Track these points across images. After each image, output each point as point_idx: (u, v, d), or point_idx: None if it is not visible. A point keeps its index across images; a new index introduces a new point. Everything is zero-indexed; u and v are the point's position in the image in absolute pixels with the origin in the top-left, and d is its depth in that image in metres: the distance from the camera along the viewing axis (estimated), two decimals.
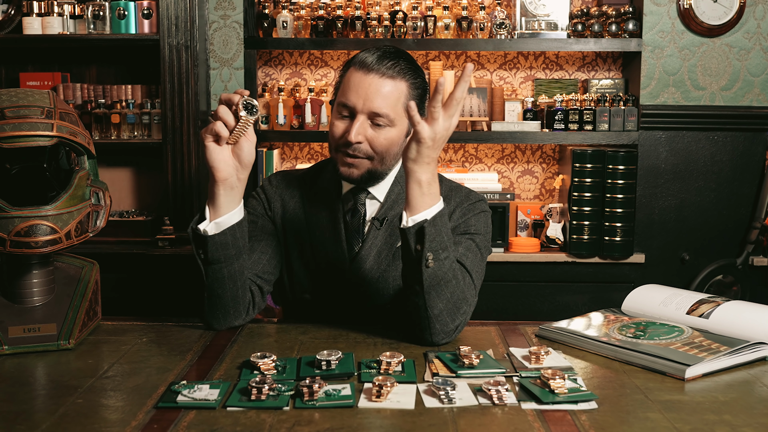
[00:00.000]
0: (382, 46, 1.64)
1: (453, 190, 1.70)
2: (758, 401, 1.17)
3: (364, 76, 1.58)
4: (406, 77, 1.60)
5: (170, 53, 2.90)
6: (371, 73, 1.58)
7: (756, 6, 3.09)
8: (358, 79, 1.58)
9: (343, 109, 1.60)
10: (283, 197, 1.74)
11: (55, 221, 1.36)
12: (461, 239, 1.60)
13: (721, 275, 3.16)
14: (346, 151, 1.60)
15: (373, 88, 1.57)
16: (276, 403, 1.13)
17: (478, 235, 1.62)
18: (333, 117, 1.64)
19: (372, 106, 1.57)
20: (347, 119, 1.61)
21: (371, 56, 1.59)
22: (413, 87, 1.62)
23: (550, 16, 3.19)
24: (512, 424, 1.08)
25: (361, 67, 1.59)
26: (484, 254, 1.62)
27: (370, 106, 1.57)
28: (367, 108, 1.57)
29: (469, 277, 1.53)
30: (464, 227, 1.63)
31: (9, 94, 1.39)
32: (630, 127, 3.12)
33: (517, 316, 3.09)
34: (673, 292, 1.58)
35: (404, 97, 1.60)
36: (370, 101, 1.57)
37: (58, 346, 1.41)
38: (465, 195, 1.69)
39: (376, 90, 1.57)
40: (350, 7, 3.21)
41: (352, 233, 1.67)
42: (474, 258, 1.57)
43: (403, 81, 1.60)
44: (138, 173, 3.20)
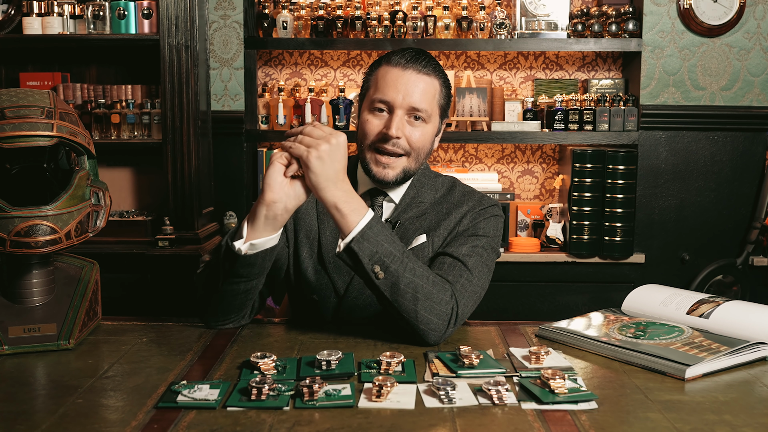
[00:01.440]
0: (409, 47, 1.66)
1: (466, 195, 1.70)
2: (758, 401, 1.17)
3: (401, 71, 1.59)
4: (439, 76, 1.64)
5: (170, 53, 2.90)
6: (408, 69, 1.59)
7: (756, 6, 3.09)
8: (395, 74, 1.59)
9: (380, 105, 1.60)
10: None
11: (55, 221, 1.36)
12: (467, 240, 1.60)
13: (721, 275, 3.16)
14: (383, 148, 1.60)
15: (412, 83, 1.59)
16: (276, 403, 1.13)
17: (485, 237, 1.62)
18: (366, 115, 1.63)
19: (411, 100, 1.58)
20: (383, 115, 1.61)
21: (404, 56, 1.61)
22: (444, 86, 1.65)
23: (550, 16, 3.19)
24: (512, 424, 1.08)
25: (397, 65, 1.60)
26: (490, 255, 1.61)
27: (410, 101, 1.58)
28: (407, 103, 1.58)
29: (467, 273, 1.53)
30: (473, 230, 1.63)
31: (9, 94, 1.39)
32: (630, 127, 3.12)
33: (517, 316, 3.09)
34: (673, 292, 1.58)
35: (438, 94, 1.63)
36: (409, 96, 1.58)
37: (58, 346, 1.41)
38: (478, 200, 1.69)
39: (415, 85, 1.59)
40: (350, 7, 3.21)
41: None
42: (478, 258, 1.57)
43: (436, 79, 1.63)
44: (138, 173, 3.20)
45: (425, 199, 1.68)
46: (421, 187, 1.70)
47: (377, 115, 1.61)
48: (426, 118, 1.61)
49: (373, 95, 1.62)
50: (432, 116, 1.62)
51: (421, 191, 1.69)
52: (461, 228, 1.64)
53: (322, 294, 1.67)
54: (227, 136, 3.18)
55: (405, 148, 1.60)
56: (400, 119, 1.58)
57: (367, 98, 1.65)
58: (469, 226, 1.64)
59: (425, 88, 1.60)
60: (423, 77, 1.60)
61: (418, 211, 1.67)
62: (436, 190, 1.71)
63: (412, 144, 1.61)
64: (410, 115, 1.60)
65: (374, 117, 1.61)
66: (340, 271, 1.66)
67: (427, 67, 1.61)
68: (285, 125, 3.24)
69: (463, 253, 1.56)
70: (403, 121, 1.59)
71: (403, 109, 1.59)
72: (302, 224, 1.70)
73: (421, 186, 1.70)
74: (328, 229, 1.68)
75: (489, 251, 1.61)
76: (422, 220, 1.66)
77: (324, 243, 1.67)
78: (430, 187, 1.71)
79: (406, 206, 1.68)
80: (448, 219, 1.65)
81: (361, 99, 1.68)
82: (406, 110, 1.59)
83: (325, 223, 1.69)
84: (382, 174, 1.61)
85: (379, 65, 1.64)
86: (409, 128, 1.60)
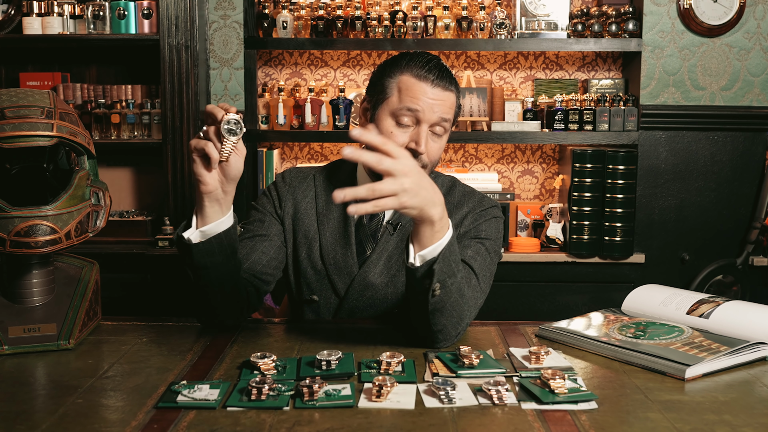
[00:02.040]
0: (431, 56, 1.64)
1: (466, 196, 1.71)
2: (758, 401, 1.17)
3: (430, 87, 1.59)
4: (457, 89, 1.66)
5: (170, 53, 2.90)
6: (438, 86, 1.60)
7: (756, 6, 3.09)
8: (424, 88, 1.59)
9: (407, 115, 1.59)
10: (296, 195, 1.73)
11: (55, 221, 1.36)
12: (471, 242, 1.60)
13: (721, 275, 3.16)
14: None
15: (440, 99, 1.59)
16: (276, 403, 1.13)
17: (489, 240, 1.62)
18: (387, 125, 1.61)
19: (441, 115, 1.60)
20: (407, 128, 1.60)
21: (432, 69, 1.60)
22: (458, 98, 1.67)
23: (550, 16, 3.19)
24: (512, 424, 1.08)
25: (425, 79, 1.59)
26: (493, 258, 1.62)
27: (439, 115, 1.59)
28: (436, 117, 1.59)
29: (475, 279, 1.53)
30: (475, 232, 1.63)
31: (9, 94, 1.39)
32: (630, 127, 3.12)
33: (517, 316, 3.09)
34: (673, 292, 1.58)
35: (455, 107, 1.65)
36: (439, 112, 1.59)
37: (58, 346, 1.41)
38: (478, 201, 1.70)
39: (443, 101, 1.60)
40: (350, 7, 3.21)
41: (366, 236, 1.67)
42: (483, 261, 1.57)
43: (455, 93, 1.64)
44: (138, 173, 3.20)
45: None
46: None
47: (402, 128, 1.60)
48: (444, 131, 1.62)
49: (398, 104, 1.60)
50: (448, 129, 1.64)
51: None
52: (463, 229, 1.64)
53: (322, 294, 1.67)
54: None
55: (424, 162, 1.60)
56: (426, 134, 1.59)
57: (387, 104, 1.61)
58: (470, 228, 1.64)
59: (450, 105, 1.62)
60: (448, 93, 1.61)
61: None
62: None
63: (431, 157, 1.62)
64: (432, 130, 1.60)
65: (399, 129, 1.60)
66: (341, 272, 1.65)
67: (452, 84, 1.63)
68: (285, 125, 3.24)
69: (469, 256, 1.56)
70: (428, 137, 1.60)
71: (427, 124, 1.59)
72: (301, 225, 1.70)
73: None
74: (327, 230, 1.68)
75: (492, 255, 1.61)
76: None
77: (324, 244, 1.67)
78: None
79: None
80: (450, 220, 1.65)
81: (377, 101, 1.64)
82: (431, 125, 1.60)
83: (325, 224, 1.68)
84: None
85: (400, 72, 1.61)
86: (430, 143, 1.61)
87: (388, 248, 1.66)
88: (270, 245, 1.66)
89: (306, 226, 1.70)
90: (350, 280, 1.64)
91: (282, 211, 1.71)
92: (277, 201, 1.72)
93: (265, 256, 1.64)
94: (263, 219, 1.70)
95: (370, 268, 1.65)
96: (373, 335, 1.50)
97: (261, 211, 1.71)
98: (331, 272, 1.66)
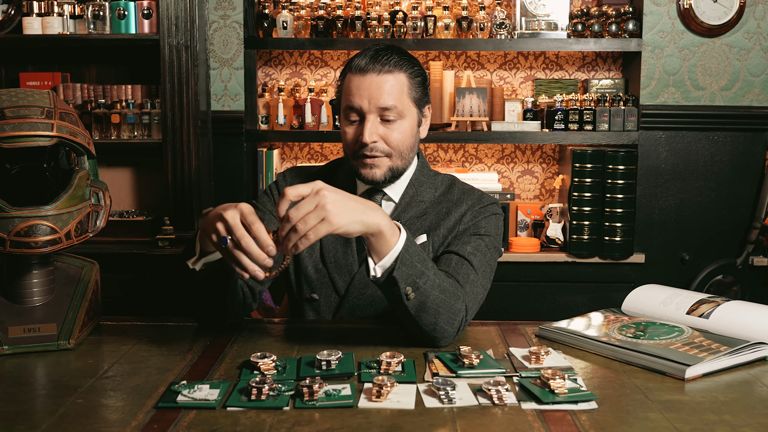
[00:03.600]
0: (373, 46, 1.64)
1: (465, 193, 1.70)
2: (758, 401, 1.17)
3: (362, 77, 1.59)
4: (403, 68, 1.61)
5: (170, 53, 2.90)
6: (369, 72, 1.59)
7: (756, 6, 3.09)
8: (357, 81, 1.60)
9: (351, 113, 1.62)
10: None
11: (55, 221, 1.36)
12: (470, 239, 1.60)
13: (721, 275, 3.16)
14: (364, 154, 1.60)
15: (375, 86, 1.58)
16: (276, 403, 1.13)
17: (488, 236, 1.62)
18: (342, 125, 1.65)
19: (378, 102, 1.58)
20: (356, 123, 1.62)
21: (365, 58, 1.61)
22: (412, 76, 1.63)
23: (550, 16, 3.19)
24: (512, 424, 1.08)
25: (357, 71, 1.60)
26: (493, 254, 1.62)
27: (377, 103, 1.58)
28: (374, 105, 1.58)
29: (474, 274, 1.53)
30: (474, 229, 1.63)
31: (9, 94, 1.39)
32: (630, 127, 3.12)
33: (517, 316, 3.09)
34: (673, 292, 1.58)
35: (406, 87, 1.61)
36: (375, 99, 1.58)
37: (58, 346, 1.41)
38: (477, 198, 1.69)
39: (378, 87, 1.58)
40: (350, 7, 3.21)
41: None
42: (482, 257, 1.57)
43: (401, 72, 1.61)
44: (138, 173, 3.20)
45: (425, 198, 1.68)
46: (419, 185, 1.70)
47: (351, 125, 1.62)
48: (398, 115, 1.60)
49: (343, 104, 1.64)
50: (405, 111, 1.61)
51: (420, 190, 1.69)
52: (462, 227, 1.63)
53: (323, 293, 1.67)
54: (227, 136, 3.18)
55: (384, 150, 1.61)
56: (372, 124, 1.59)
57: (341, 108, 1.66)
58: (469, 225, 1.64)
59: (390, 88, 1.59)
60: (385, 76, 1.59)
61: (419, 210, 1.67)
62: (436, 188, 1.71)
63: (391, 144, 1.61)
64: (382, 117, 1.60)
65: (349, 127, 1.63)
66: (341, 270, 1.66)
67: (388, 64, 1.59)
68: (285, 125, 3.24)
69: (468, 252, 1.56)
70: (376, 125, 1.60)
71: (373, 114, 1.59)
72: None
73: (419, 185, 1.70)
74: None
75: (492, 251, 1.61)
76: (423, 220, 1.66)
77: (325, 243, 1.67)
78: (429, 185, 1.70)
79: (406, 205, 1.68)
80: (448, 218, 1.65)
81: (339, 107, 1.68)
82: (376, 113, 1.59)
83: None
84: (370, 174, 1.62)
85: (345, 73, 1.64)
86: (384, 129, 1.60)
87: None
88: None
89: None
90: (350, 278, 1.65)
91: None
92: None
93: None
94: (263, 218, 1.70)
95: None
96: (373, 335, 1.50)
97: (261, 210, 1.72)
98: (331, 270, 1.66)
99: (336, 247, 1.67)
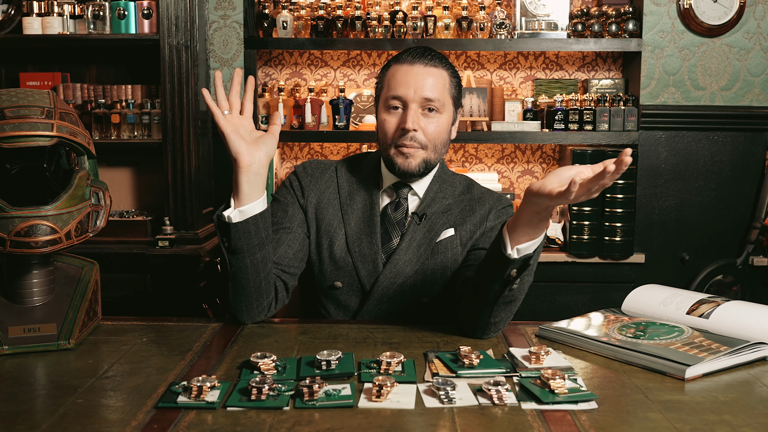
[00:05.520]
0: (416, 47, 1.72)
1: (485, 194, 1.78)
2: (758, 401, 1.17)
3: (410, 67, 1.66)
4: (446, 66, 1.70)
5: (170, 53, 2.90)
6: (416, 63, 1.66)
7: (756, 6, 3.09)
8: (404, 71, 1.66)
9: (394, 101, 1.66)
10: (319, 186, 1.76)
11: (55, 221, 1.36)
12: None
13: (721, 275, 3.16)
14: (402, 143, 1.65)
15: (421, 77, 1.64)
16: (276, 403, 1.13)
17: None
18: (381, 115, 1.69)
19: (423, 93, 1.64)
20: (398, 112, 1.66)
21: (413, 52, 1.68)
22: (453, 76, 1.71)
23: (550, 16, 3.19)
24: (512, 424, 1.08)
25: (404, 62, 1.67)
26: None
27: (422, 93, 1.64)
28: (419, 95, 1.64)
29: None
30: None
31: (9, 94, 1.39)
32: (630, 127, 3.12)
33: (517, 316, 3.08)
34: (673, 292, 1.58)
35: (448, 84, 1.68)
36: (420, 89, 1.64)
37: (58, 346, 1.41)
38: (496, 199, 1.77)
39: (424, 78, 1.65)
40: (350, 7, 3.21)
41: (391, 225, 1.71)
42: None
43: (444, 70, 1.68)
44: (138, 173, 3.20)
45: (447, 194, 1.75)
46: (442, 183, 1.76)
47: (393, 113, 1.67)
48: (439, 108, 1.66)
49: (386, 94, 1.68)
50: (445, 106, 1.68)
51: (443, 187, 1.76)
52: (489, 224, 1.72)
53: (346, 281, 1.70)
54: None
55: (422, 142, 1.66)
56: (414, 113, 1.64)
57: (381, 99, 1.71)
58: (497, 223, 1.72)
59: (435, 80, 1.65)
60: (431, 69, 1.66)
61: (443, 206, 1.73)
62: (455, 187, 1.78)
63: (428, 136, 1.66)
64: (424, 107, 1.65)
65: (390, 115, 1.67)
66: (365, 259, 1.69)
67: (434, 60, 1.67)
68: (285, 125, 3.24)
69: None
70: (417, 115, 1.65)
71: (416, 103, 1.64)
72: (324, 214, 1.73)
73: (442, 182, 1.76)
74: (352, 219, 1.72)
75: None
76: (449, 215, 1.73)
77: (349, 233, 1.72)
78: (449, 184, 1.77)
79: (430, 200, 1.73)
80: (473, 215, 1.72)
81: (378, 96, 1.73)
82: (419, 103, 1.65)
83: (349, 214, 1.72)
84: (406, 165, 1.66)
85: (389, 66, 1.70)
86: (424, 120, 1.66)
87: (416, 237, 1.70)
88: (294, 238, 1.70)
89: (330, 216, 1.73)
90: (374, 267, 1.68)
91: (305, 201, 1.75)
92: (300, 191, 1.76)
93: (291, 249, 1.68)
94: (286, 209, 1.73)
95: (400, 256, 1.68)
96: (373, 335, 1.50)
97: (283, 202, 1.75)
98: (356, 260, 1.69)
99: (361, 237, 1.70)
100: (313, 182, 1.76)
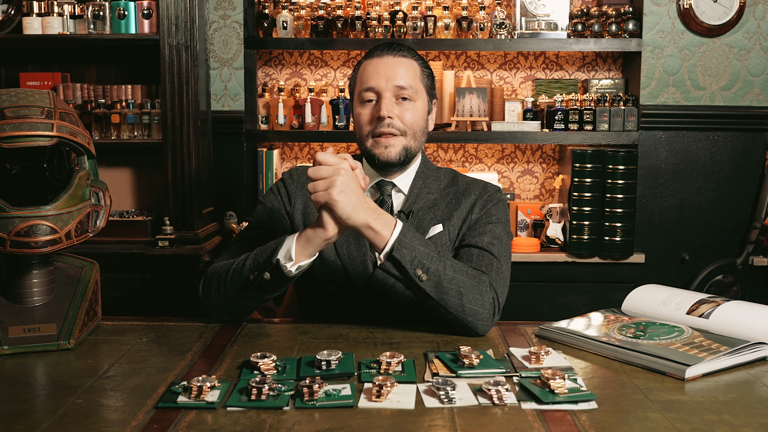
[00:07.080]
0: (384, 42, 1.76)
1: (470, 185, 1.77)
2: (758, 401, 1.17)
3: (379, 59, 1.69)
4: (415, 58, 1.73)
5: (170, 53, 2.90)
6: (386, 56, 1.70)
7: (756, 6, 3.09)
8: (374, 63, 1.69)
9: (367, 94, 1.68)
10: (305, 192, 1.76)
11: (55, 221, 1.36)
12: (485, 228, 1.66)
13: (721, 275, 3.16)
14: (380, 132, 1.66)
15: (392, 66, 1.68)
16: (276, 403, 1.13)
17: (500, 224, 1.69)
18: (357, 109, 1.71)
19: (395, 81, 1.67)
20: (372, 104, 1.69)
21: (381, 46, 1.72)
22: (423, 66, 1.74)
23: (550, 16, 3.19)
24: (512, 424, 1.08)
25: (374, 56, 1.70)
26: (508, 240, 1.69)
27: (394, 81, 1.67)
28: (391, 84, 1.67)
29: (496, 261, 1.60)
30: (486, 218, 1.69)
31: (9, 94, 1.39)
32: (630, 127, 3.12)
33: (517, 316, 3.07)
34: (673, 292, 1.58)
35: (419, 73, 1.71)
36: (392, 78, 1.67)
37: (58, 346, 1.41)
38: (482, 187, 1.76)
39: (395, 67, 1.68)
40: (350, 7, 3.21)
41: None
42: (500, 245, 1.64)
43: (414, 60, 1.72)
44: (138, 173, 3.20)
45: (432, 189, 1.75)
46: (426, 178, 1.76)
47: (367, 106, 1.70)
48: (412, 95, 1.68)
49: (359, 88, 1.71)
50: (419, 93, 1.70)
51: (427, 182, 1.76)
52: (474, 216, 1.70)
53: (337, 284, 1.70)
54: (227, 136, 3.19)
55: (400, 128, 1.67)
56: (389, 101, 1.67)
57: (355, 95, 1.73)
58: (481, 214, 1.70)
59: (406, 69, 1.69)
60: (400, 59, 1.69)
61: (428, 201, 1.73)
62: (439, 181, 1.78)
63: (405, 122, 1.68)
64: (397, 96, 1.68)
65: (365, 108, 1.70)
66: (354, 261, 1.69)
67: (403, 50, 1.70)
68: (285, 125, 3.24)
69: (486, 242, 1.63)
70: (392, 103, 1.67)
71: (389, 92, 1.67)
72: (311, 219, 1.72)
73: (426, 177, 1.76)
74: None
75: (506, 236, 1.69)
76: (435, 211, 1.72)
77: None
78: (434, 178, 1.77)
79: (415, 197, 1.73)
80: (459, 208, 1.71)
81: (351, 94, 1.76)
82: (392, 92, 1.67)
83: None
84: (385, 154, 1.67)
85: (359, 64, 1.74)
86: (399, 108, 1.68)
87: None
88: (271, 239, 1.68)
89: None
90: (364, 269, 1.67)
91: (292, 208, 1.75)
92: (287, 197, 1.76)
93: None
94: (272, 215, 1.72)
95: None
96: (373, 335, 1.50)
97: (269, 207, 1.75)
98: (345, 263, 1.69)
99: (349, 239, 1.70)
100: (299, 188, 1.77)
